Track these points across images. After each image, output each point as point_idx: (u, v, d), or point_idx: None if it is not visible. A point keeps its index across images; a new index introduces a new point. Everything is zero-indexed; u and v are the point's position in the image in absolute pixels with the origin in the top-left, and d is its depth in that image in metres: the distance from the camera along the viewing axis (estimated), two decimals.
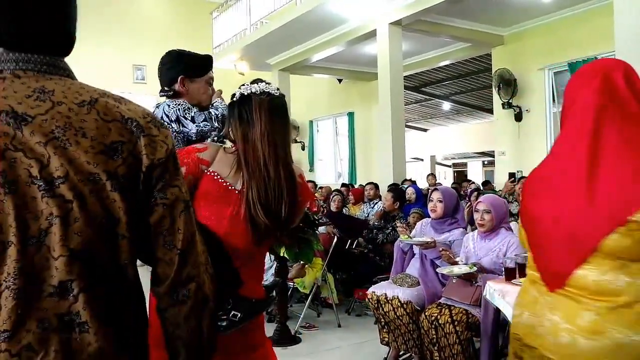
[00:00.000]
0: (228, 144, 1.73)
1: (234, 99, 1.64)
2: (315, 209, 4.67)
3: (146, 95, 13.98)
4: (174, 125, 1.86)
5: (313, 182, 8.23)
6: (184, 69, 1.94)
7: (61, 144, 0.83)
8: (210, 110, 1.92)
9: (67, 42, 0.99)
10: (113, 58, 13.61)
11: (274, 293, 4.64)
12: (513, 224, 3.68)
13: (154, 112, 1.87)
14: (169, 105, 1.88)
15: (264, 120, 1.57)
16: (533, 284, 1.52)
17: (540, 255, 1.50)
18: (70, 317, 0.82)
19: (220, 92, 2.06)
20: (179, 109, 1.86)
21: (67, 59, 1.01)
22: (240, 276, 1.56)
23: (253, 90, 1.60)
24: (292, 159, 1.65)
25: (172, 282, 0.93)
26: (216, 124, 1.90)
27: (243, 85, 1.64)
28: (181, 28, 14.44)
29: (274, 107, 1.60)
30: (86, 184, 0.83)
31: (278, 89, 1.66)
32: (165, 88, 1.96)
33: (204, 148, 1.61)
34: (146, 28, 14.25)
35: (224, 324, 1.52)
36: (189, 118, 1.85)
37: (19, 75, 0.88)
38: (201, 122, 1.87)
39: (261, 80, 1.65)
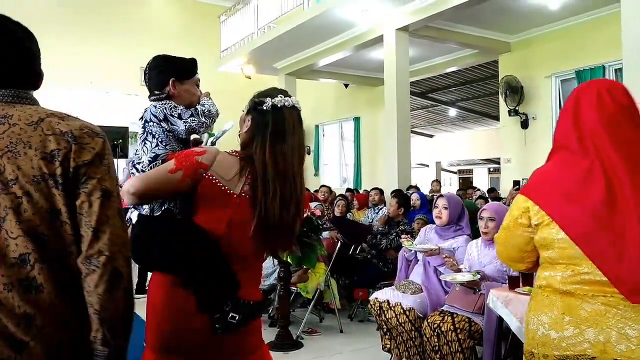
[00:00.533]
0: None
1: (264, 107, 1.65)
2: (319, 214, 4.66)
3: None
4: (163, 124, 1.88)
5: (327, 187, 8.03)
6: (174, 72, 2.00)
7: (13, 155, 1.12)
8: (197, 106, 1.95)
9: (32, 78, 1.29)
10: (120, 60, 13.67)
11: (272, 296, 4.65)
12: None
13: (142, 115, 1.92)
14: (155, 107, 1.91)
15: (298, 133, 1.65)
16: (583, 298, 1.48)
17: (611, 265, 1.43)
18: (29, 281, 1.10)
19: (208, 93, 2.11)
20: (165, 109, 1.89)
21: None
22: (237, 279, 1.58)
23: (286, 104, 1.65)
24: None
25: (85, 253, 1.13)
26: (203, 119, 1.92)
27: (277, 96, 1.67)
28: (189, 31, 14.50)
29: (301, 121, 1.70)
30: (31, 184, 1.11)
31: (298, 102, 1.73)
32: (156, 92, 1.99)
33: (202, 152, 1.62)
34: (154, 30, 14.32)
35: (222, 325, 1.53)
36: (176, 116, 1.88)
37: None
38: (188, 118, 1.89)
39: (284, 92, 1.69)
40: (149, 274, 1.92)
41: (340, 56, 9.60)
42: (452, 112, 15.76)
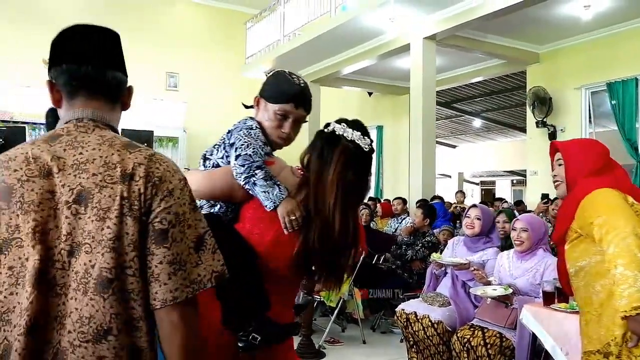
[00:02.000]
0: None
1: (326, 130, 1.60)
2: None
3: (177, 102, 14.21)
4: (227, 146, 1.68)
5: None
6: (265, 88, 1.74)
7: None
8: (258, 173, 1.55)
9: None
10: (146, 65, 13.84)
11: (299, 316, 4.57)
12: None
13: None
14: (241, 124, 1.68)
15: (338, 169, 1.52)
16: None
17: None
18: None
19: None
20: (241, 136, 1.62)
21: None
22: (268, 298, 1.52)
23: (344, 134, 1.55)
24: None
25: None
26: (243, 175, 1.56)
27: (341, 122, 1.59)
28: (215, 37, 14.64)
29: (354, 159, 1.54)
30: None
31: (371, 143, 1.59)
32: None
33: (271, 162, 1.59)
34: (180, 36, 14.48)
35: (243, 345, 1.48)
36: (234, 147, 1.61)
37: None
38: (237, 163, 1.57)
39: (361, 127, 1.59)
40: None
41: (365, 64, 9.57)
42: (477, 122, 15.60)
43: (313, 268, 1.59)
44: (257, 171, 1.54)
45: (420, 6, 7.24)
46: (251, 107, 1.77)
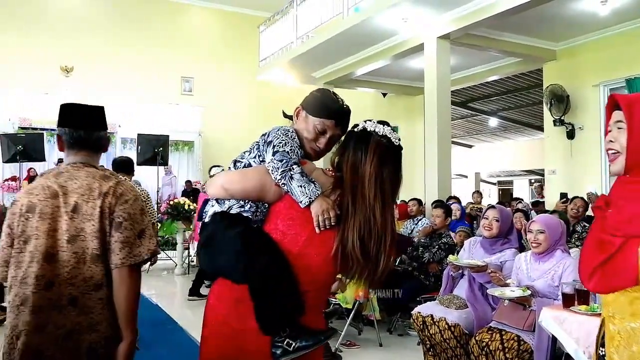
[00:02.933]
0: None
1: (356, 129, 1.62)
2: None
3: (193, 106, 14.31)
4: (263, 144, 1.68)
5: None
6: (308, 100, 1.75)
7: None
8: (295, 168, 1.56)
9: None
10: (162, 70, 13.98)
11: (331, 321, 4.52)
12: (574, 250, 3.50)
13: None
14: (279, 129, 1.68)
15: (375, 163, 1.54)
16: None
17: None
18: None
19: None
20: (279, 135, 1.64)
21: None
22: (304, 303, 1.50)
23: (376, 130, 1.58)
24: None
25: None
26: (278, 172, 1.56)
27: (370, 120, 1.62)
28: (229, 41, 14.72)
29: (388, 153, 1.57)
30: None
31: (400, 139, 1.62)
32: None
33: (304, 162, 1.61)
34: (195, 41, 14.59)
35: (279, 351, 1.46)
36: (271, 147, 1.62)
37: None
38: (276, 158, 1.58)
39: (387, 124, 1.62)
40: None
41: (379, 65, 9.53)
42: (493, 121, 15.43)
43: (350, 267, 1.57)
44: (294, 166, 1.56)
45: (433, 5, 7.19)
46: (290, 117, 1.79)
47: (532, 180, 20.74)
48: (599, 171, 8.29)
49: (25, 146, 8.26)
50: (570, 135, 8.63)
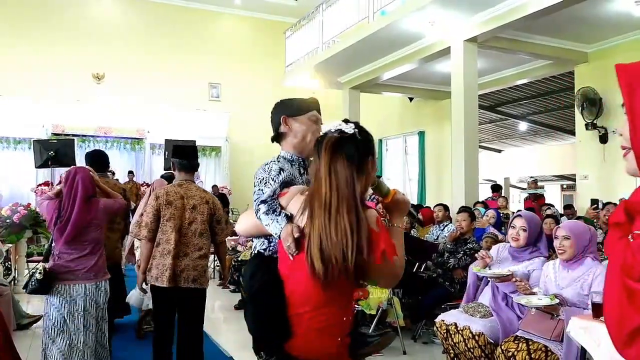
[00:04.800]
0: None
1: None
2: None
3: (220, 112, 14.46)
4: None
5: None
6: (285, 109, 1.86)
7: None
8: (261, 207, 1.66)
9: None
10: (190, 76, 14.18)
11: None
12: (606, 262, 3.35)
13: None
14: (267, 165, 1.78)
15: (326, 159, 1.49)
16: None
17: None
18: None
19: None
20: (257, 174, 1.74)
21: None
22: (290, 326, 1.49)
23: (330, 129, 1.55)
24: (365, 203, 1.50)
25: None
26: (263, 207, 1.66)
27: (335, 123, 1.60)
28: (256, 47, 14.84)
29: (340, 145, 1.50)
30: None
31: (357, 129, 1.55)
32: (274, 134, 1.90)
33: (284, 193, 1.64)
34: (222, 47, 14.76)
35: None
36: (265, 183, 1.71)
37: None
38: (266, 193, 1.68)
39: (349, 122, 1.57)
40: None
41: (405, 69, 9.45)
42: (523, 126, 15.12)
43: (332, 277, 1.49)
44: (260, 205, 1.65)
45: (460, 8, 7.09)
46: (277, 138, 1.88)
47: (564, 186, 20.25)
48: (633, 177, 8.03)
49: (57, 152, 8.45)
50: (603, 139, 8.39)
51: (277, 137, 1.87)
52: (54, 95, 12.65)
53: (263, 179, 1.69)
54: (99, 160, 4.15)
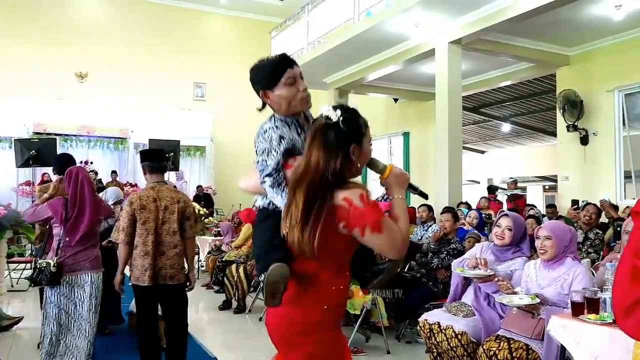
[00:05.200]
0: None
1: None
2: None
3: (204, 111, 14.39)
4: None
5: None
6: (260, 81, 1.82)
7: None
8: (267, 181, 1.72)
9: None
10: (174, 76, 14.08)
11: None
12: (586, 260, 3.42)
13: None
14: (260, 128, 1.83)
15: (308, 141, 1.62)
16: None
17: None
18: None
19: None
20: (257, 141, 1.80)
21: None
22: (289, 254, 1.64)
23: (322, 112, 1.64)
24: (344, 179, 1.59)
25: None
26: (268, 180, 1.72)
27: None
28: (240, 47, 14.79)
29: (322, 131, 1.61)
30: None
31: (343, 115, 1.61)
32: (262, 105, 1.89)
33: (290, 165, 1.71)
34: (207, 47, 14.69)
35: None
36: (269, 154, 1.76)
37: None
38: (257, 167, 1.77)
39: (339, 107, 1.65)
40: None
41: (390, 70, 9.51)
42: (506, 127, 15.31)
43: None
44: (265, 178, 1.71)
45: (444, 10, 7.15)
46: (263, 107, 1.89)
47: (546, 187, 20.51)
48: (613, 176, 8.17)
49: (39, 151, 8.35)
50: (584, 141, 8.53)
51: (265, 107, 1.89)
52: (36, 94, 12.47)
53: (265, 149, 1.73)
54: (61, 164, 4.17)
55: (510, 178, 10.85)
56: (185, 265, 3.66)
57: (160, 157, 3.72)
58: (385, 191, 1.69)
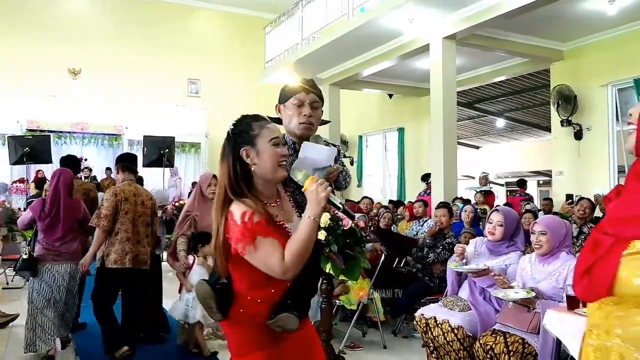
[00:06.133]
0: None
1: None
2: (362, 225, 4.53)
3: (199, 108, 14.34)
4: None
5: (369, 198, 7.97)
6: (279, 97, 2.20)
7: None
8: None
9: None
10: (168, 72, 14.03)
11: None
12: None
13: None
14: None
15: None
16: None
17: None
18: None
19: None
20: None
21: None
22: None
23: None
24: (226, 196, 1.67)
25: None
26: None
27: None
28: (235, 43, 14.76)
29: (222, 148, 1.76)
30: None
31: (234, 125, 1.74)
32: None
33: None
34: (201, 43, 14.63)
35: None
36: None
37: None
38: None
39: (236, 121, 1.78)
40: None
41: (384, 66, 9.50)
42: (500, 122, 15.34)
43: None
44: None
45: (439, 6, 7.15)
46: (276, 119, 2.13)
47: (541, 182, 20.60)
48: (607, 171, 8.22)
49: (32, 148, 8.29)
50: (578, 135, 8.57)
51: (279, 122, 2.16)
52: (29, 91, 12.39)
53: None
54: (68, 164, 4.91)
55: (483, 173, 10.78)
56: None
57: (134, 161, 4.37)
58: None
